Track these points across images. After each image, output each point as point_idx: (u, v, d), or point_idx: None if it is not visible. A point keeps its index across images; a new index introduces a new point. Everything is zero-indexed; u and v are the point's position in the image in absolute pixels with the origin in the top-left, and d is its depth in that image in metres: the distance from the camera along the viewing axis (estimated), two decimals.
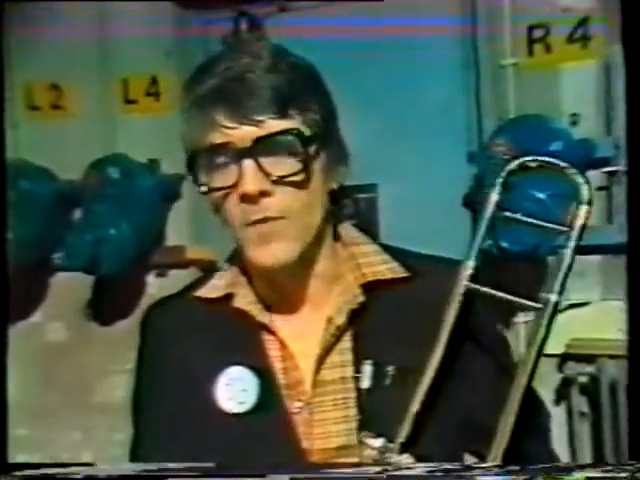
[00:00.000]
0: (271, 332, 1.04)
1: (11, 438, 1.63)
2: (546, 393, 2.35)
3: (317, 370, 1.02)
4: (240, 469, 0.96)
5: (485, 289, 0.97)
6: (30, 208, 2.57)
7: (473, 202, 2.45)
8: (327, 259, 1.05)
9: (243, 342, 1.04)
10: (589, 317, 2.30)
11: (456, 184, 2.48)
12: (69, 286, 2.76)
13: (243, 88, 0.95)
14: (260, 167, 0.96)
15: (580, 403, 2.30)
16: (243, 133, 0.95)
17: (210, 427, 1.02)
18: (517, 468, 0.93)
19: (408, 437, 0.95)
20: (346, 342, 1.03)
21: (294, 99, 0.97)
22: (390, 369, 0.99)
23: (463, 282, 0.97)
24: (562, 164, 0.97)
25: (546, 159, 0.98)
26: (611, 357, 2.20)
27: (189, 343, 1.06)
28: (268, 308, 1.05)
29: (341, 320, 1.02)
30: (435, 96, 2.53)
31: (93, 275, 2.63)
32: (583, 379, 2.28)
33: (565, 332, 2.31)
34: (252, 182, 0.95)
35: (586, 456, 2.27)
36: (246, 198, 0.96)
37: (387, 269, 1.05)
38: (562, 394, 2.34)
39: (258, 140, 0.95)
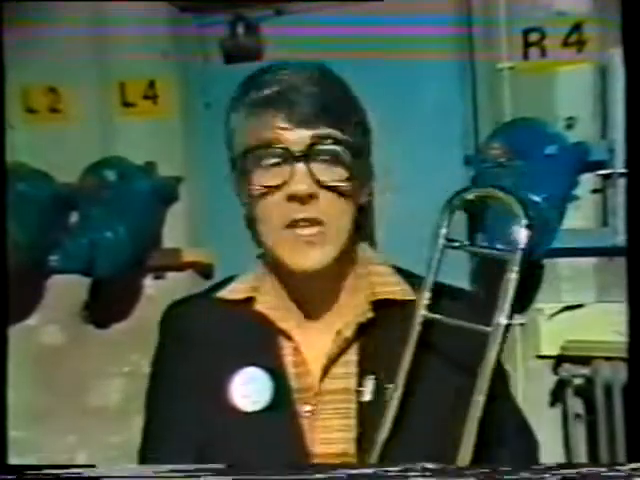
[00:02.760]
0: (288, 337, 1.08)
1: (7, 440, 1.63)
2: (541, 395, 2.36)
3: (322, 378, 1.06)
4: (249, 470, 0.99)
5: (441, 318, 1.01)
6: (27, 210, 2.57)
7: (470, 205, 2.45)
8: (345, 273, 1.09)
9: (261, 344, 1.08)
10: (584, 319, 2.31)
11: (452, 187, 2.47)
12: (65, 289, 2.75)
13: (300, 96, 1.00)
14: (310, 171, 1.00)
15: (575, 405, 2.30)
16: (297, 138, 1.00)
17: (224, 423, 1.06)
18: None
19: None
20: (352, 355, 1.07)
21: (343, 112, 1.03)
22: (391, 386, 1.01)
23: (421, 312, 1.01)
24: (500, 195, 1.07)
25: (486, 192, 1.09)
26: (606, 359, 2.20)
27: (208, 342, 1.09)
28: (287, 314, 1.09)
29: (349, 333, 1.06)
30: (431, 100, 2.54)
31: (90, 277, 2.62)
32: (578, 381, 2.28)
33: (560, 334, 2.32)
34: (303, 183, 1.00)
35: (581, 458, 2.28)
36: (294, 198, 1.00)
37: (398, 290, 1.09)
38: (557, 396, 2.35)
39: (311, 146, 1.00)
